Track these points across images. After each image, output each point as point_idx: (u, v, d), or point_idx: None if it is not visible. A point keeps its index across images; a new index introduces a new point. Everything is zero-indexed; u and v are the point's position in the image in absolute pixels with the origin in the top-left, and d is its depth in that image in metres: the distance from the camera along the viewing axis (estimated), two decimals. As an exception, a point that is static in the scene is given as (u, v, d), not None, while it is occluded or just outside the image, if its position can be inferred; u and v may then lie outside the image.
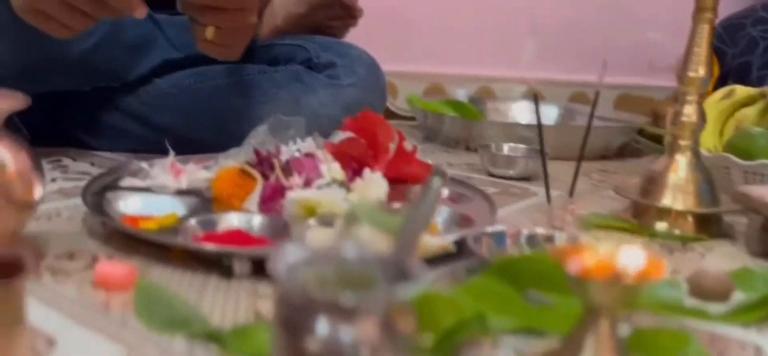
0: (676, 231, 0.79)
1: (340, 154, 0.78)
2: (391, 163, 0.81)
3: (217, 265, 0.60)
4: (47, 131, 1.03)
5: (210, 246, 0.61)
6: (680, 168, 0.80)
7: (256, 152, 0.77)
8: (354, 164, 0.78)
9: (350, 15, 1.20)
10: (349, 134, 0.82)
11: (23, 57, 0.90)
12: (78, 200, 0.72)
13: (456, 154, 1.22)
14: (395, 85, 1.59)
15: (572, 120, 1.44)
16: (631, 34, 1.69)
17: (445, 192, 0.76)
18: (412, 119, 1.45)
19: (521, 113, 1.43)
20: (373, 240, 0.48)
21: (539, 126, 0.91)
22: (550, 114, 1.42)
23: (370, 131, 0.82)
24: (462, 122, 1.29)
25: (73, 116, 1.05)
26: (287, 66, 1.06)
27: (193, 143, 0.92)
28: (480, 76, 1.67)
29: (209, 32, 0.88)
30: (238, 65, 1.04)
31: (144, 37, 1.05)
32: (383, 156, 0.81)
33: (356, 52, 1.09)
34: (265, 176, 0.73)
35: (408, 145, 0.85)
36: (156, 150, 0.88)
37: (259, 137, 0.82)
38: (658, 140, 1.31)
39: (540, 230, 0.66)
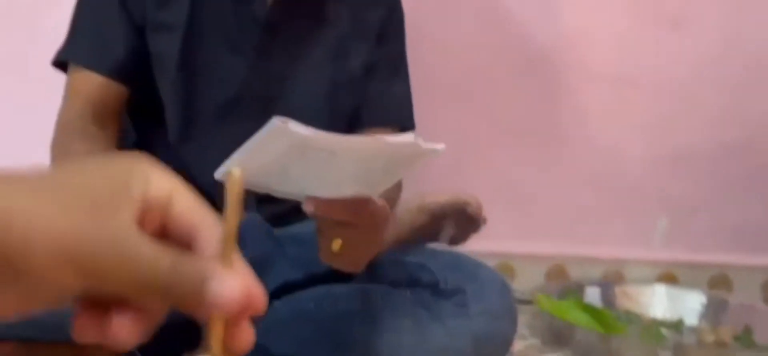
0: None
1: None
2: None
3: None
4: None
5: None
6: None
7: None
8: None
9: (474, 225, 1.14)
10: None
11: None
12: None
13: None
14: (513, 266, 1.50)
15: (723, 313, 1.29)
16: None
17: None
18: (530, 302, 1.35)
19: (655, 299, 1.30)
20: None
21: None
22: (691, 303, 1.29)
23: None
24: (599, 334, 1.18)
25: (189, 342, 1.02)
26: (413, 290, 1.00)
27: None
28: (607, 258, 1.55)
29: (336, 245, 0.83)
30: (360, 288, 0.99)
31: (264, 257, 1.01)
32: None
33: (486, 274, 1.02)
34: None
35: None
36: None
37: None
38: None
39: None
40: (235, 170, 0.35)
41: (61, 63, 1.07)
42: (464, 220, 1.14)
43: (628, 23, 1.46)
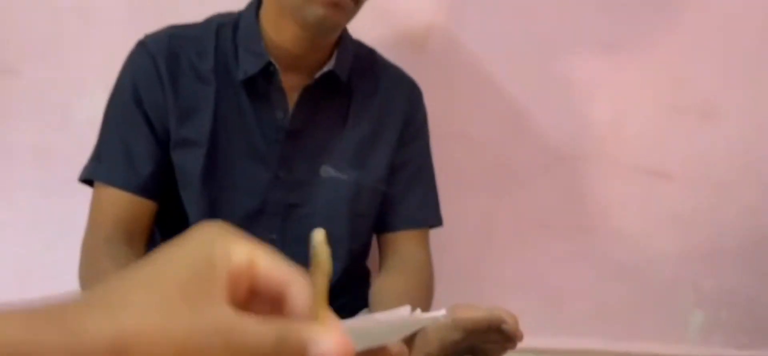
0: None
1: None
2: None
3: None
4: None
5: None
6: None
7: None
8: None
9: (511, 343, 1.09)
10: None
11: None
12: None
13: None
14: (543, 361, 1.45)
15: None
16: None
17: None
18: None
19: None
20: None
21: None
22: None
23: None
24: None
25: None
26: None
27: None
28: (639, 354, 1.50)
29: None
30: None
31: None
32: None
33: None
34: None
35: None
36: None
37: None
38: None
39: None
40: (319, 233, 0.39)
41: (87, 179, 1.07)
42: (500, 338, 1.09)
43: (656, 114, 1.45)
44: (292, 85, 1.08)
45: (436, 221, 1.23)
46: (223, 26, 1.10)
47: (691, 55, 1.42)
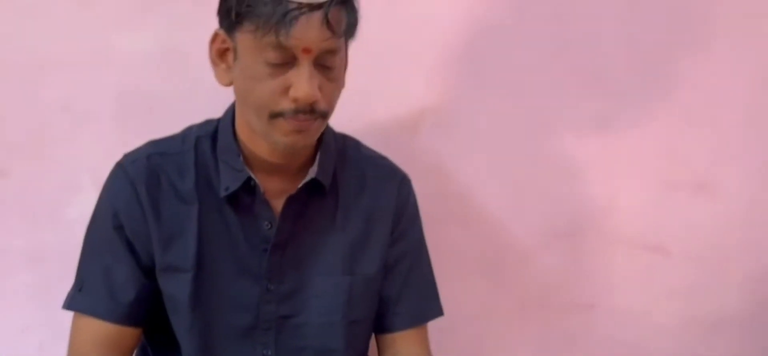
0: None
1: None
2: None
3: None
4: None
5: None
6: None
7: None
8: None
9: None
10: None
11: None
12: None
13: None
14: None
15: None
16: None
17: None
18: None
19: None
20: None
21: None
22: None
23: None
24: None
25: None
26: None
27: None
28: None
29: None
30: None
31: None
32: None
33: None
34: None
35: None
36: None
37: None
38: None
39: None
40: None
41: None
42: None
43: (651, 189, 1.44)
44: (275, 191, 1.06)
45: (436, 312, 1.21)
46: (201, 138, 1.08)
47: (683, 130, 1.43)
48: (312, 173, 1.07)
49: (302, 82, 0.92)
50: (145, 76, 1.35)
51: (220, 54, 0.99)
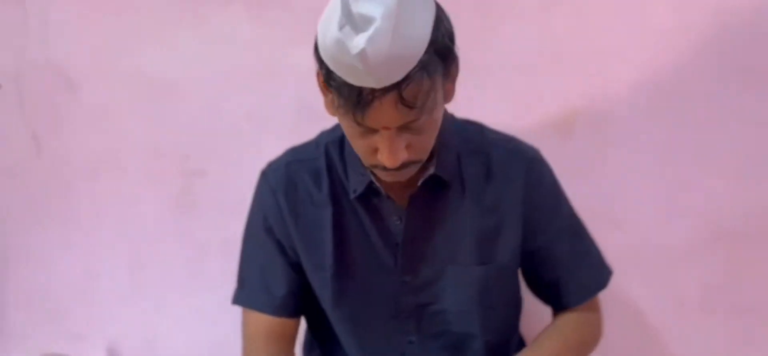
0: None
1: None
2: None
3: None
4: None
5: None
6: None
7: None
8: None
9: None
10: None
11: None
12: None
13: None
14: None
15: None
16: None
17: None
18: None
19: None
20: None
21: None
22: None
23: None
24: None
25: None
26: None
27: None
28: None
29: None
30: None
31: None
32: None
33: None
34: None
35: None
36: None
37: None
38: None
39: None
40: None
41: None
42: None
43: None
44: (400, 189, 1.08)
45: (606, 276, 1.19)
46: (330, 144, 1.14)
47: None
48: (431, 168, 1.06)
49: (385, 153, 0.94)
50: (317, 88, 1.48)
51: (324, 88, 0.97)
